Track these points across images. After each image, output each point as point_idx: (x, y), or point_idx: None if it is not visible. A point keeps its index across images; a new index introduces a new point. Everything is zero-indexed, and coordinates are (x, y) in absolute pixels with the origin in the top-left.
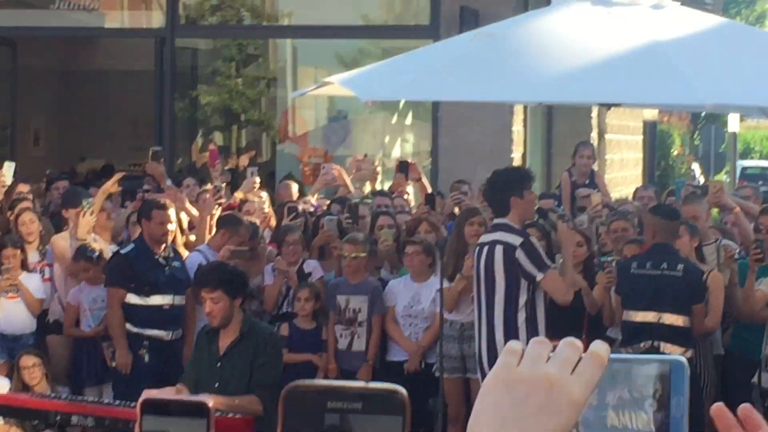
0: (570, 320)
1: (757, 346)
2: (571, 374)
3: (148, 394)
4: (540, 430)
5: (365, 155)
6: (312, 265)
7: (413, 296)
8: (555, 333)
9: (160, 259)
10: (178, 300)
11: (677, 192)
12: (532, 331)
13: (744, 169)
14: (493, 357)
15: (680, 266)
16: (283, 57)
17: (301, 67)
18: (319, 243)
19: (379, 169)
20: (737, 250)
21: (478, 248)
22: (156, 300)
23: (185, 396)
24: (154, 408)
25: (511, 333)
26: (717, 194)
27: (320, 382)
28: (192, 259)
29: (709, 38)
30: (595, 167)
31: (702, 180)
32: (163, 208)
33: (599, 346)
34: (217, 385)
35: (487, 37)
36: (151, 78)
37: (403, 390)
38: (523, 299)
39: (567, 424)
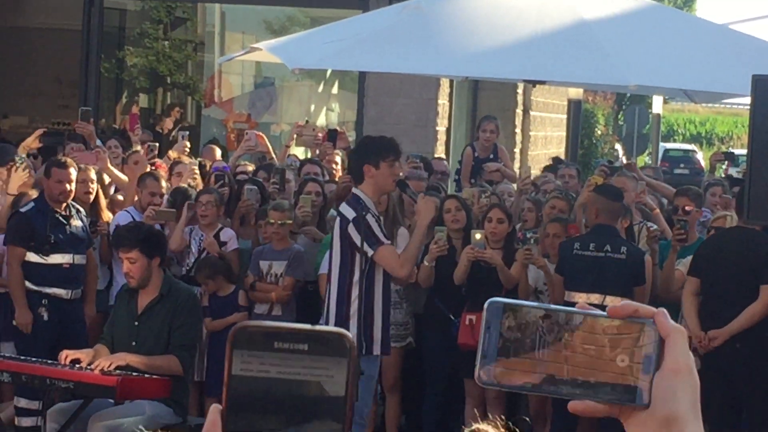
0: (487, 294)
1: None
2: None
3: (64, 354)
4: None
5: (306, 121)
6: (228, 235)
7: None
8: (471, 307)
9: (60, 218)
10: (78, 259)
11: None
12: (365, 306)
13: (666, 151)
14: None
15: (624, 249)
16: (211, 21)
17: (228, 32)
18: (240, 213)
19: (320, 134)
20: (659, 231)
21: None
22: (55, 258)
23: None
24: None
25: (342, 306)
26: (639, 195)
27: (267, 323)
28: (120, 219)
29: (635, 20)
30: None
31: (624, 160)
32: (63, 166)
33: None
34: (134, 343)
35: (415, 9)
36: (78, 37)
37: (349, 334)
38: (357, 273)
39: None
